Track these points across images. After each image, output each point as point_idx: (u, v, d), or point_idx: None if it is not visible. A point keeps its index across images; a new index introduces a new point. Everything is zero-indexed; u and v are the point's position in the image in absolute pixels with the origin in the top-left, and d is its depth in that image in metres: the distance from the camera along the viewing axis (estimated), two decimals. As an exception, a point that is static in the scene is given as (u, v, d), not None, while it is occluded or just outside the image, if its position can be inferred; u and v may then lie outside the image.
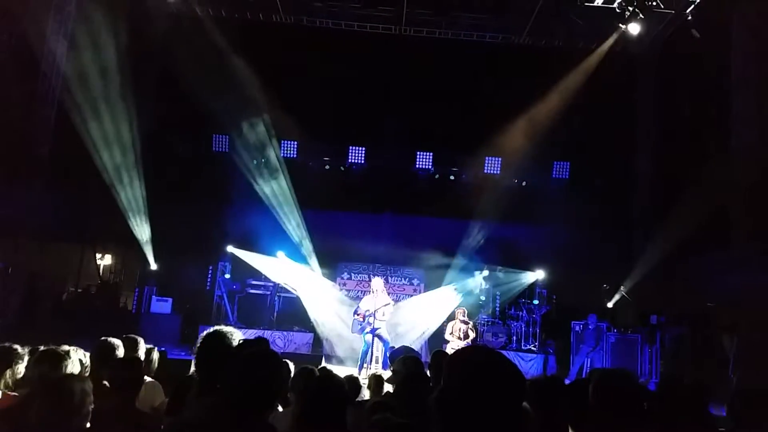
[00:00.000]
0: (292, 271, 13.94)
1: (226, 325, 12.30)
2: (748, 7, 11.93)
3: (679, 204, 12.72)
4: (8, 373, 3.75)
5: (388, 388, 5.16)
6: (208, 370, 3.09)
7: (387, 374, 5.83)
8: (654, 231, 14.15)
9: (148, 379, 4.53)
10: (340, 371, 7.13)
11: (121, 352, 4.38)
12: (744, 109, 11.93)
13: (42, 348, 3.86)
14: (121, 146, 13.42)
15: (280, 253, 13.85)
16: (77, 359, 3.77)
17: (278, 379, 2.83)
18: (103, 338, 4.49)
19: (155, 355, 5.09)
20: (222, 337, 3.19)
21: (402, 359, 4.66)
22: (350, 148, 15.64)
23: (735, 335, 11.24)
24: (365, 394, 5.47)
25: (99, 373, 3.97)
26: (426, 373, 4.66)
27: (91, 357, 4.25)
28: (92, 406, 3.03)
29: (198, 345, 3.19)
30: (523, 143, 14.63)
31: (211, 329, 3.26)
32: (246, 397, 2.61)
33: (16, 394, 3.61)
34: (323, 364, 9.60)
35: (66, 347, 3.76)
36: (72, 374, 3.46)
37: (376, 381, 5.17)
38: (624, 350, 12.86)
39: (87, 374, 3.95)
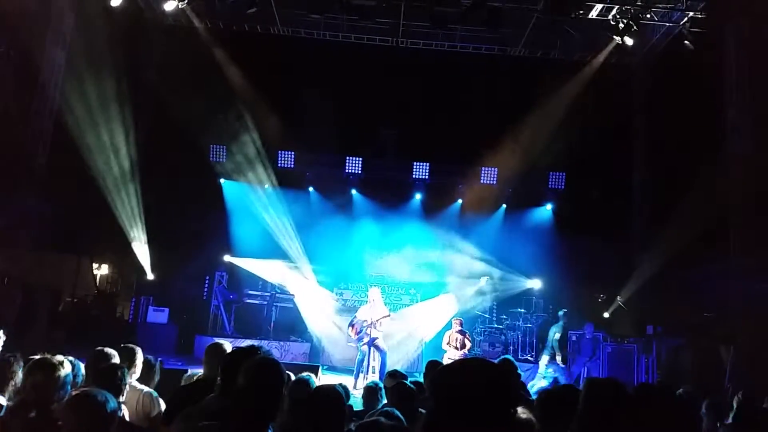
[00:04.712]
0: (289, 276, 14.01)
1: (223, 335, 12.16)
2: (741, 19, 12.06)
3: (676, 214, 12.76)
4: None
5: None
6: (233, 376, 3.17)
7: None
8: (651, 241, 14.18)
9: (145, 389, 4.53)
10: (336, 380, 7.15)
11: (116, 362, 4.38)
12: (739, 119, 12.03)
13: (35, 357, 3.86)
14: (118, 157, 13.46)
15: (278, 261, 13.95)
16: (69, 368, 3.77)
17: (282, 387, 2.87)
18: (98, 348, 4.50)
19: (157, 367, 5.08)
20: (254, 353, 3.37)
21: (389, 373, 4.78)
22: (347, 158, 15.67)
23: (732, 345, 11.27)
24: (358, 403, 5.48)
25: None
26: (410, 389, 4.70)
27: (86, 367, 4.26)
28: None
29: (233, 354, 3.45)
30: (519, 154, 14.70)
31: (247, 345, 3.56)
32: (252, 401, 2.70)
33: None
34: (320, 373, 9.59)
35: (60, 357, 3.77)
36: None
37: (369, 392, 5.15)
38: (621, 360, 12.86)
39: (83, 384, 3.96)
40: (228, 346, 4.31)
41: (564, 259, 14.11)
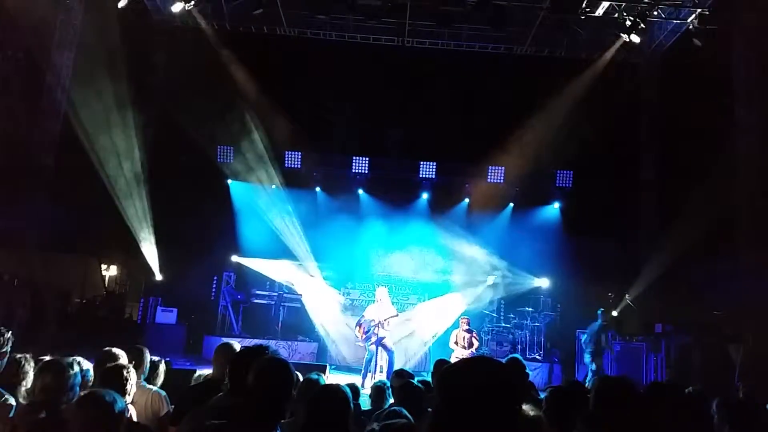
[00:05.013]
0: (296, 275, 14.05)
1: (231, 335, 12.19)
2: (748, 18, 11.99)
3: (684, 212, 12.71)
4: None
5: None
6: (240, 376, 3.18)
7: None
8: (658, 239, 14.12)
9: (154, 388, 4.55)
10: (344, 379, 7.15)
11: (123, 362, 4.40)
12: (746, 117, 11.96)
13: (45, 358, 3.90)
14: (126, 158, 13.52)
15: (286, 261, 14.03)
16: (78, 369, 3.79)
17: (290, 387, 2.87)
18: (105, 348, 4.52)
19: (162, 367, 5.10)
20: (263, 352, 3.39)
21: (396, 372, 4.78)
22: (354, 158, 15.68)
23: (741, 343, 11.21)
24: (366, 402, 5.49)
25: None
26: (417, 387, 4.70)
27: (94, 368, 4.28)
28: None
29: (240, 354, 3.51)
30: (527, 152, 14.66)
31: (255, 344, 3.59)
32: (260, 401, 2.69)
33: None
34: (328, 373, 9.60)
35: (69, 358, 3.79)
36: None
37: (376, 392, 5.15)
38: (629, 359, 12.80)
39: (90, 384, 3.99)
40: (237, 346, 4.32)
41: (571, 257, 14.07)
